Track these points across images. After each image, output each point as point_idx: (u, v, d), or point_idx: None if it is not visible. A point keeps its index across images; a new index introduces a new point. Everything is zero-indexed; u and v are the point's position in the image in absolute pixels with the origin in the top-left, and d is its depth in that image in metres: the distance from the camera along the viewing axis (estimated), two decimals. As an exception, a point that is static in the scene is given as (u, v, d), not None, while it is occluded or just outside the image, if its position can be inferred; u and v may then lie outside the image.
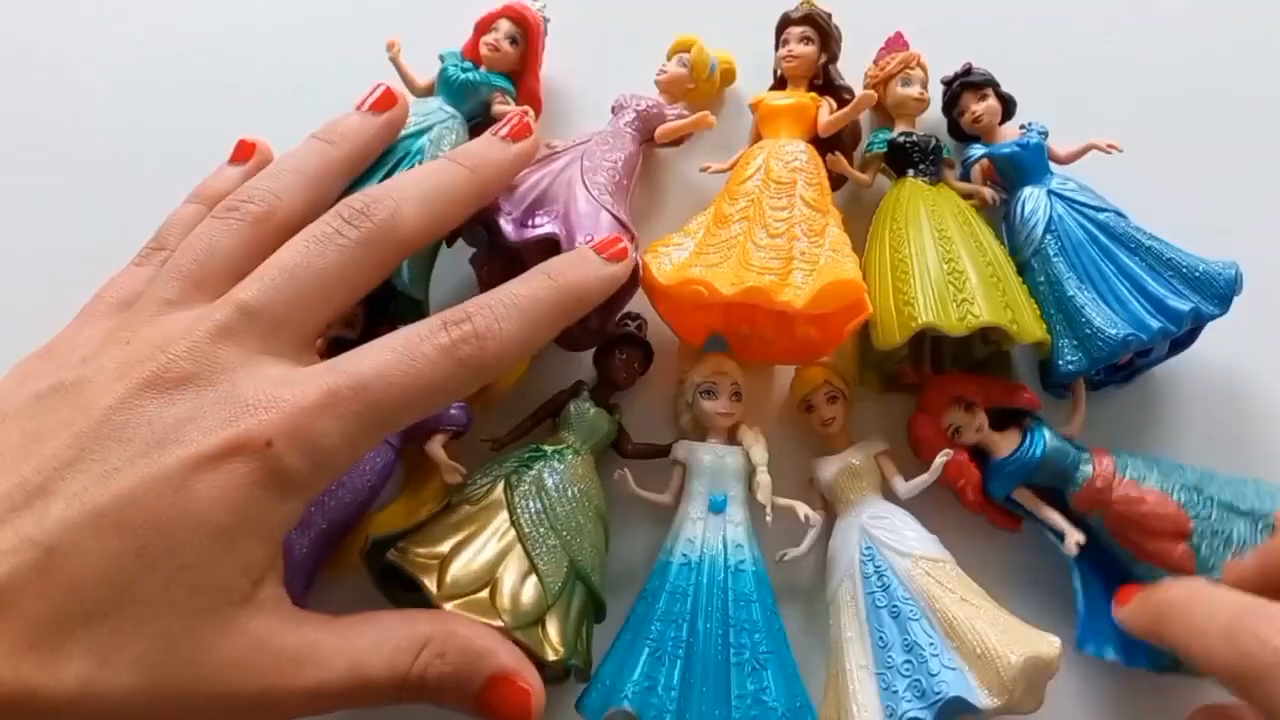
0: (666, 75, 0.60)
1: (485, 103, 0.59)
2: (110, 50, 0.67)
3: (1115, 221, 0.56)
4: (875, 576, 0.49)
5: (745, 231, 0.53)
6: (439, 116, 0.55)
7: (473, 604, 0.43)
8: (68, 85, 0.66)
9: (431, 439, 0.51)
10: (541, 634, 0.44)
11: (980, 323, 0.50)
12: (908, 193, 0.57)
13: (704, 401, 0.53)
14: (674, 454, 0.54)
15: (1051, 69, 0.66)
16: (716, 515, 0.51)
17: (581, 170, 0.53)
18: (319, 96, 0.53)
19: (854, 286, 0.51)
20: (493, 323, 0.40)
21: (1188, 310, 0.53)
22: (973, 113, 0.60)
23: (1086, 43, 0.67)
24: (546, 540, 0.46)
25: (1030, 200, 0.57)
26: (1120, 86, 0.66)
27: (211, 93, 0.66)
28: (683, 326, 0.56)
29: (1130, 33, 0.68)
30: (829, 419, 0.54)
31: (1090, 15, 0.68)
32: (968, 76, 0.60)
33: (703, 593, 0.48)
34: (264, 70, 0.66)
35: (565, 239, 0.50)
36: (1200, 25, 0.68)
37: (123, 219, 0.50)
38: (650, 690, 0.46)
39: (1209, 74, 0.66)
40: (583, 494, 0.49)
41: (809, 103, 0.58)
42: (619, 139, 0.56)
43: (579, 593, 0.47)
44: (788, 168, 0.55)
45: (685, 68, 0.60)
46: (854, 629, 0.48)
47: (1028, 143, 0.58)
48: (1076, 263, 0.55)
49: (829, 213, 0.54)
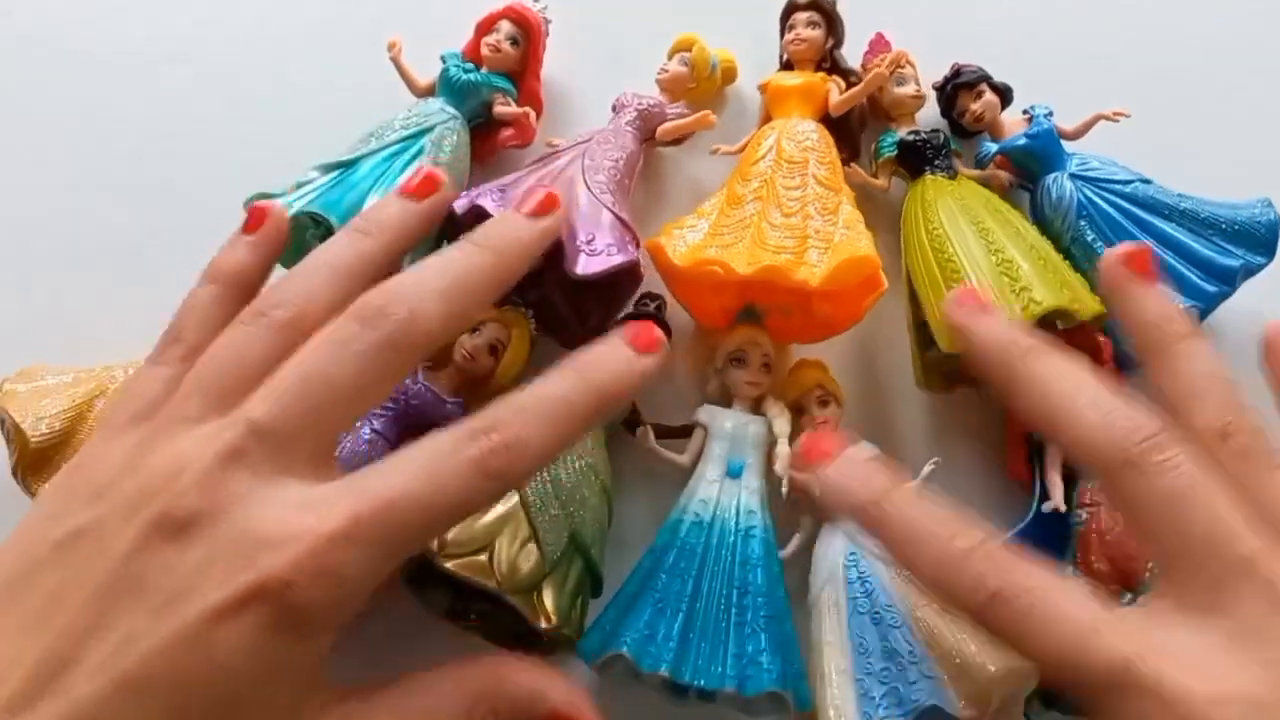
0: (668, 74, 0.60)
1: (486, 103, 0.59)
2: (107, 52, 0.67)
3: (1143, 191, 0.55)
4: (859, 582, 0.48)
5: (759, 211, 0.52)
6: (440, 117, 0.56)
7: (471, 565, 0.43)
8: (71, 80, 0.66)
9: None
10: (537, 601, 0.44)
11: (1044, 309, 0.49)
12: (931, 191, 0.56)
13: (733, 370, 0.54)
14: (696, 417, 0.53)
15: (1042, 46, 0.65)
16: (733, 480, 0.51)
17: (583, 169, 0.53)
18: (318, 94, 0.54)
19: (869, 263, 0.50)
20: (524, 430, 0.37)
21: (1239, 266, 0.52)
22: (972, 112, 0.59)
23: (1071, 12, 0.66)
24: (549, 509, 0.46)
25: (1055, 188, 0.56)
26: (1115, 49, 0.65)
27: (209, 90, 0.65)
28: (699, 308, 0.56)
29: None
30: (820, 422, 0.53)
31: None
32: (958, 78, 0.60)
33: (710, 552, 0.49)
34: (264, 68, 0.65)
35: (566, 236, 0.50)
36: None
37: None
38: (649, 639, 0.46)
39: (1199, 21, 0.65)
40: (589, 467, 0.49)
41: (818, 82, 0.58)
42: (620, 138, 0.56)
43: (577, 565, 0.47)
44: (799, 147, 0.55)
45: (686, 66, 0.60)
46: (835, 633, 0.48)
47: (1038, 131, 0.57)
48: (1116, 242, 0.53)
49: (841, 190, 0.54)
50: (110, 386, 0.49)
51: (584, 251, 0.50)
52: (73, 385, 0.49)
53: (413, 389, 0.51)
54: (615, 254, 0.50)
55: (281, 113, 0.56)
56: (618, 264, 0.49)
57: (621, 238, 0.51)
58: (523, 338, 0.53)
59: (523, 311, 0.54)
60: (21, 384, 0.49)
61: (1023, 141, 0.57)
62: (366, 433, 0.49)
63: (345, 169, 0.53)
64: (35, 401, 0.48)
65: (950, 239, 0.53)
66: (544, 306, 0.55)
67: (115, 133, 0.64)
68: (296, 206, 0.50)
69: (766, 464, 0.52)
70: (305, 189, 0.51)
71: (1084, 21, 0.66)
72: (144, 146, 0.63)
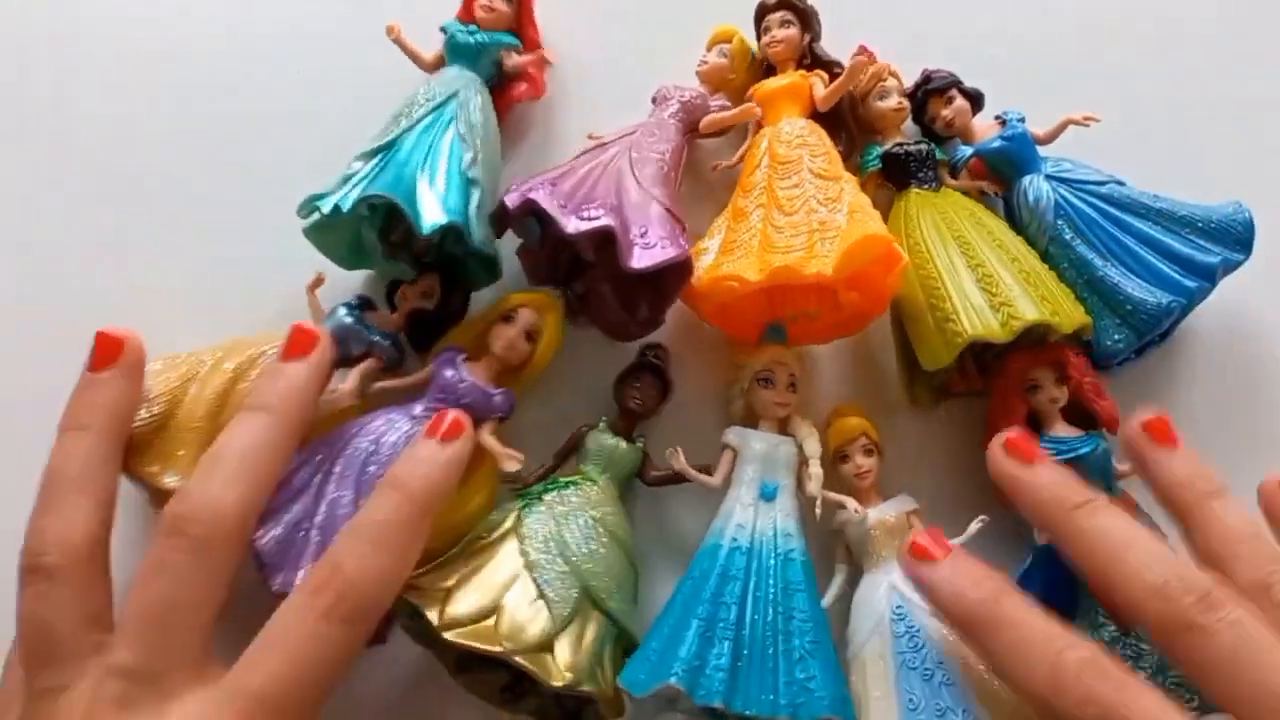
0: (707, 66, 0.60)
1: (496, 61, 0.59)
2: (108, 47, 0.65)
3: (1119, 191, 0.56)
4: (906, 636, 0.47)
5: (763, 218, 0.52)
6: (460, 82, 0.56)
7: (476, 633, 0.43)
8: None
9: (481, 429, 0.50)
10: (550, 660, 0.43)
11: (1025, 323, 0.49)
12: (915, 205, 0.56)
13: (761, 390, 0.53)
14: (725, 439, 0.53)
15: (1014, 52, 0.66)
16: (767, 503, 0.50)
17: (630, 162, 0.53)
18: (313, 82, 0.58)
19: (879, 240, 0.49)
20: (360, 566, 0.39)
21: (1218, 262, 0.53)
22: (944, 118, 0.60)
23: (1045, 20, 0.68)
24: (554, 566, 0.46)
25: (1031, 190, 0.56)
26: (1086, 52, 0.66)
27: (197, 75, 0.64)
28: (732, 327, 0.55)
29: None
30: (864, 471, 0.52)
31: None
32: (929, 84, 0.60)
33: (752, 578, 0.48)
34: (262, 56, 0.65)
35: (620, 229, 0.49)
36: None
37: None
38: (700, 669, 0.45)
39: (1169, 23, 0.67)
40: (597, 521, 0.48)
41: (800, 80, 0.58)
42: (664, 130, 0.56)
43: (595, 619, 0.46)
44: (790, 146, 0.54)
45: (726, 58, 0.60)
46: (881, 688, 0.47)
47: (1013, 134, 0.57)
48: (1095, 240, 0.54)
49: (842, 178, 0.53)
50: (200, 371, 0.50)
51: (638, 245, 0.49)
52: (164, 371, 0.50)
53: (460, 387, 0.50)
54: (669, 247, 0.49)
55: (268, 107, 0.60)
56: (672, 257, 0.49)
57: (673, 231, 0.51)
58: (556, 323, 0.53)
59: (555, 295, 0.54)
60: None
61: (997, 144, 0.58)
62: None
63: (386, 151, 0.53)
64: None
65: (932, 255, 0.53)
66: (593, 299, 0.55)
67: (128, 119, 0.63)
68: (354, 196, 0.50)
69: (798, 484, 0.52)
70: (355, 179, 0.52)
71: (1058, 27, 0.67)
72: (156, 133, 0.63)
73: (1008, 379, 0.53)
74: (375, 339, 0.52)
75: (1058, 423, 0.53)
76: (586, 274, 0.55)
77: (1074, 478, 0.39)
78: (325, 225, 0.51)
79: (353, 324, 0.52)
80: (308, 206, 0.51)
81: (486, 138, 0.55)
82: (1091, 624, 0.49)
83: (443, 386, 0.50)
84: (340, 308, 0.53)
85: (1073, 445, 0.51)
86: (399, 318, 0.54)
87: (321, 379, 0.46)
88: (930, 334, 0.51)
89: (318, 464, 0.48)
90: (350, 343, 0.52)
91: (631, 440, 0.52)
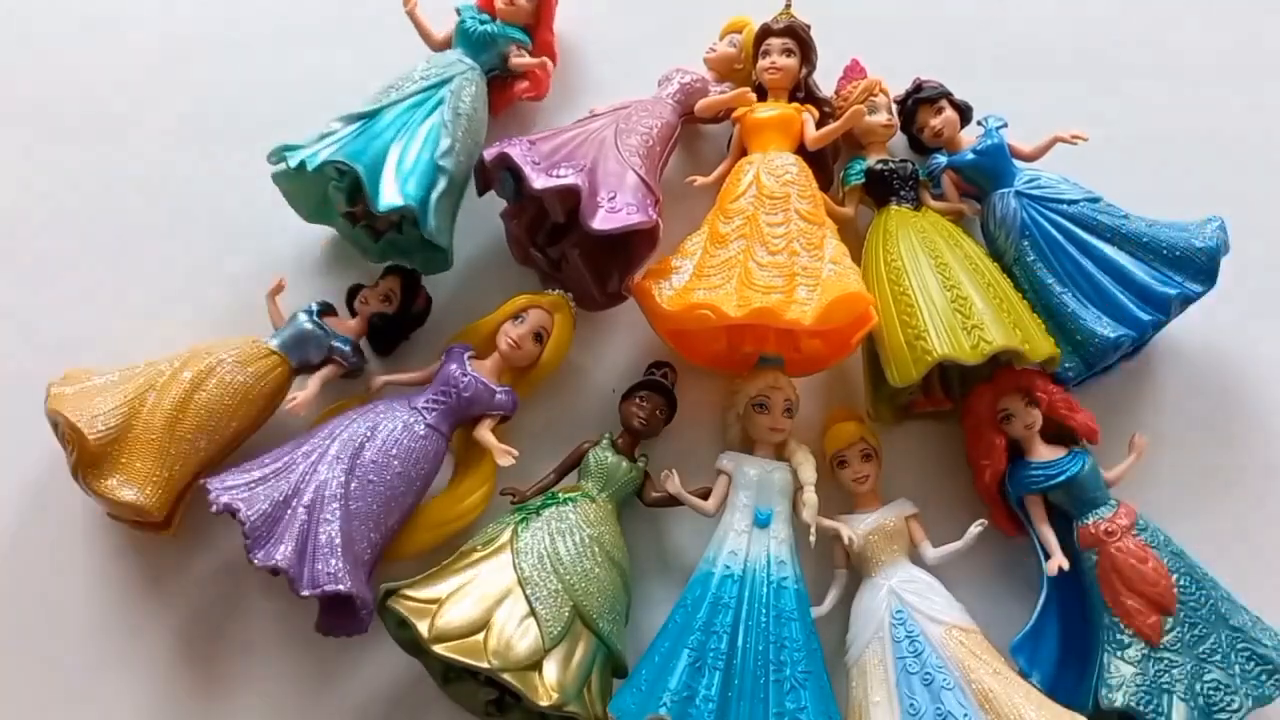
0: (716, 53, 0.61)
1: (503, 55, 0.59)
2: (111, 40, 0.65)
3: (1089, 210, 0.56)
4: (907, 641, 0.47)
5: (744, 250, 0.52)
6: (459, 68, 0.56)
7: (464, 647, 0.42)
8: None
9: (480, 425, 0.51)
10: (538, 678, 0.43)
11: (994, 348, 0.50)
12: (895, 223, 0.56)
13: (757, 415, 0.52)
14: (719, 464, 0.52)
15: (1012, 66, 0.66)
16: (761, 529, 0.50)
17: (616, 132, 0.54)
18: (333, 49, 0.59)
19: (860, 299, 0.50)
20: None
21: (1174, 294, 0.53)
22: (932, 127, 0.60)
23: (1034, 34, 0.68)
24: (547, 584, 0.46)
25: (1000, 206, 0.56)
26: (1077, 70, 0.67)
27: (209, 55, 0.65)
28: (687, 349, 0.56)
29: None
30: (862, 476, 0.52)
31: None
32: (919, 93, 0.60)
33: (744, 606, 0.48)
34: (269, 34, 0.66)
35: (588, 191, 0.50)
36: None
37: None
38: (689, 700, 0.45)
39: (1161, 39, 0.68)
40: (592, 539, 0.48)
41: (794, 114, 0.57)
42: (658, 107, 0.57)
43: (587, 640, 0.46)
44: (780, 182, 0.54)
45: (735, 48, 0.60)
46: (882, 693, 0.47)
47: (985, 147, 0.57)
48: (1056, 265, 0.55)
49: (824, 224, 0.54)
50: (159, 380, 0.50)
51: (604, 207, 0.50)
52: (121, 383, 0.50)
53: (463, 381, 0.51)
54: (634, 213, 0.50)
55: (294, 70, 0.60)
56: (634, 223, 0.50)
57: (643, 200, 0.51)
58: (566, 323, 0.53)
59: (566, 297, 0.54)
60: (68, 387, 0.50)
61: (970, 157, 0.58)
62: (421, 428, 0.50)
63: (368, 119, 0.53)
64: (87, 402, 0.49)
65: (907, 272, 0.53)
66: (567, 267, 0.56)
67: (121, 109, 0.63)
68: (322, 156, 0.51)
69: (793, 511, 0.51)
70: (329, 139, 0.52)
71: (1048, 41, 0.67)
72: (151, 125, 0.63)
73: (978, 415, 0.53)
74: (335, 344, 0.53)
75: (1039, 446, 0.53)
76: (564, 240, 0.56)
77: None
78: (293, 175, 0.52)
79: (313, 329, 0.52)
80: (277, 154, 0.51)
81: (470, 128, 0.54)
82: (1116, 644, 0.48)
83: (445, 380, 0.50)
84: (300, 313, 0.53)
85: (1062, 467, 0.51)
86: (359, 323, 0.54)
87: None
88: (900, 350, 0.52)
89: (313, 446, 0.49)
90: (310, 348, 0.52)
91: (633, 459, 0.52)
